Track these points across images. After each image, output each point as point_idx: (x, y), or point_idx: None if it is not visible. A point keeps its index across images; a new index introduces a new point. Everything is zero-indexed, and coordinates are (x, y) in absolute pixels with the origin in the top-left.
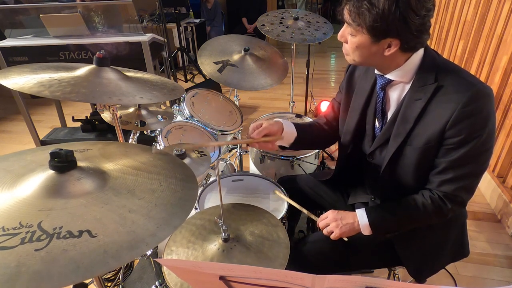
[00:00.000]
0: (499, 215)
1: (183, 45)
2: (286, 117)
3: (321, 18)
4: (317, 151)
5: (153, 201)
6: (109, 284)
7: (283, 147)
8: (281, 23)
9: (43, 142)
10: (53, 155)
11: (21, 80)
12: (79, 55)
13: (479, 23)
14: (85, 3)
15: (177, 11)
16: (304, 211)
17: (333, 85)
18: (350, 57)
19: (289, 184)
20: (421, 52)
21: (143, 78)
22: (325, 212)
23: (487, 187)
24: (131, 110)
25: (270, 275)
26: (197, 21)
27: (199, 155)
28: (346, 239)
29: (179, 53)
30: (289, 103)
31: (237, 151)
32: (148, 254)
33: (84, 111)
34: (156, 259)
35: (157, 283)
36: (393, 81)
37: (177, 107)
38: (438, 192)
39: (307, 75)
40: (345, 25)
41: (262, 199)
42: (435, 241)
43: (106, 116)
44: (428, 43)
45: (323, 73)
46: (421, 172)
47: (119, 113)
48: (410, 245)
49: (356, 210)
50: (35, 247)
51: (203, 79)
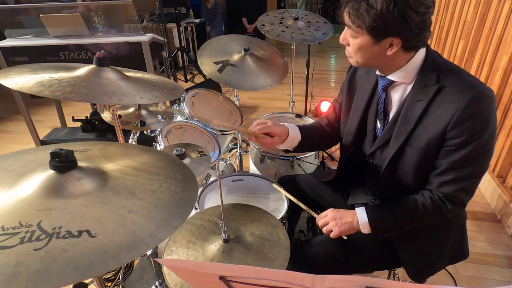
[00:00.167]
0: (499, 215)
1: (183, 45)
2: (286, 117)
3: (321, 18)
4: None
5: (153, 201)
6: (109, 284)
7: (286, 150)
8: (281, 23)
9: (43, 142)
10: (54, 155)
11: (21, 80)
12: (79, 55)
13: (479, 23)
14: (85, 3)
15: (177, 11)
16: (302, 206)
17: (333, 85)
18: (353, 59)
19: (289, 184)
20: (422, 53)
21: (143, 78)
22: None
23: (487, 187)
24: (131, 110)
25: (270, 275)
26: (197, 21)
27: (199, 155)
28: (345, 238)
29: (179, 53)
30: (289, 103)
31: (237, 151)
32: (148, 254)
33: (84, 111)
34: (156, 259)
35: (157, 283)
36: (395, 82)
37: (177, 107)
38: (438, 193)
39: (307, 75)
40: (346, 27)
41: (262, 199)
42: (434, 242)
43: (106, 116)
44: (428, 43)
45: (323, 73)
46: (422, 173)
47: (119, 113)
48: (410, 246)
49: (356, 208)
50: (34, 246)
51: (203, 79)
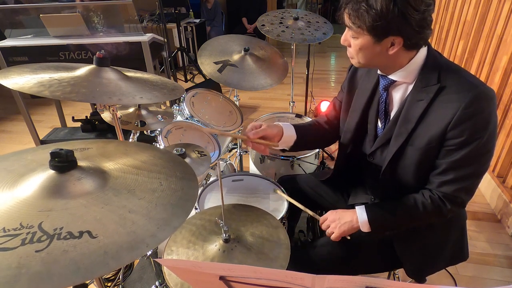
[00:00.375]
0: (499, 215)
1: (183, 45)
2: (286, 117)
3: (321, 18)
4: (317, 151)
5: (154, 201)
6: (109, 284)
7: (283, 150)
8: (281, 23)
9: (43, 142)
10: (54, 155)
11: (21, 80)
12: (79, 55)
13: (479, 23)
14: (85, 3)
15: (177, 11)
16: (306, 210)
17: (333, 85)
18: (355, 60)
19: (289, 184)
20: (424, 52)
21: (143, 78)
22: (326, 212)
23: (487, 187)
24: (131, 110)
25: (270, 275)
26: (197, 21)
27: (199, 155)
28: (348, 238)
29: (179, 53)
30: (289, 103)
31: (237, 151)
32: (148, 254)
33: (84, 111)
34: (156, 259)
35: (157, 283)
36: (396, 81)
37: (177, 107)
38: (438, 192)
39: (307, 75)
40: (347, 29)
41: (262, 199)
42: (434, 242)
43: (106, 116)
44: (429, 42)
45: (323, 73)
46: (422, 172)
47: (119, 113)
48: (410, 246)
49: (356, 207)
50: (35, 248)
51: (203, 79)
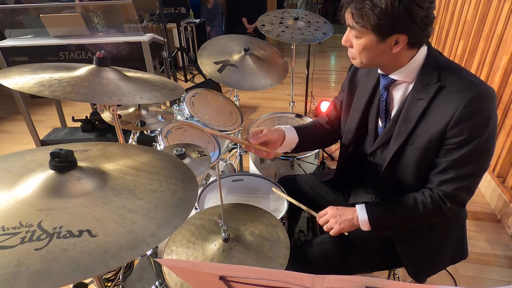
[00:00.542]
0: (499, 215)
1: (183, 45)
2: (286, 117)
3: (321, 18)
4: (317, 151)
5: (153, 201)
6: (109, 284)
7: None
8: (281, 23)
9: (43, 142)
10: (53, 155)
11: (21, 80)
12: (79, 55)
13: (479, 23)
14: (85, 3)
15: (177, 11)
16: (302, 207)
17: (333, 85)
18: (357, 60)
19: (289, 184)
20: (424, 51)
21: (143, 78)
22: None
23: (487, 187)
24: (131, 110)
25: (270, 275)
26: (197, 21)
27: (199, 155)
28: (346, 234)
29: (179, 53)
30: (289, 103)
31: (237, 151)
32: (148, 254)
33: (84, 111)
34: (156, 259)
35: (157, 283)
36: (396, 81)
37: (177, 107)
38: (438, 191)
39: (307, 75)
40: (348, 29)
41: (262, 199)
42: (435, 242)
43: (106, 116)
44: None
45: (323, 73)
46: (422, 171)
47: (119, 113)
48: (410, 246)
49: (356, 205)
50: (35, 246)
51: (203, 79)
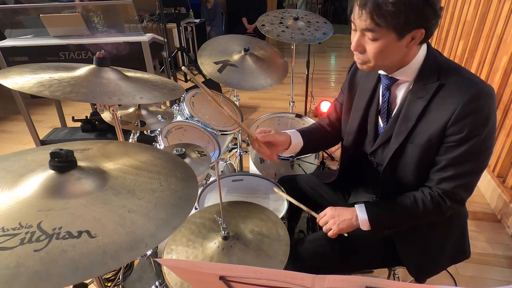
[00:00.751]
0: (499, 215)
1: (183, 45)
2: (286, 117)
3: (321, 18)
4: None
5: (153, 201)
6: (109, 284)
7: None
8: (281, 23)
9: (43, 142)
10: (53, 155)
11: (21, 80)
12: (79, 55)
13: (479, 23)
14: (85, 3)
15: (177, 11)
16: (303, 208)
17: (333, 85)
18: (370, 64)
19: (289, 184)
20: (424, 51)
21: (143, 78)
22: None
23: (487, 187)
24: (131, 110)
25: (270, 275)
26: (197, 21)
27: (199, 155)
28: (346, 235)
29: (179, 53)
30: (289, 103)
31: (237, 151)
32: (148, 254)
33: (84, 111)
34: (156, 259)
35: (157, 283)
36: (398, 80)
37: (177, 107)
38: (437, 189)
39: (307, 75)
40: (359, 34)
41: (262, 199)
42: (435, 241)
43: (106, 116)
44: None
45: (323, 73)
46: (422, 170)
47: (119, 113)
48: (410, 245)
49: (356, 205)
50: (34, 247)
51: (203, 79)
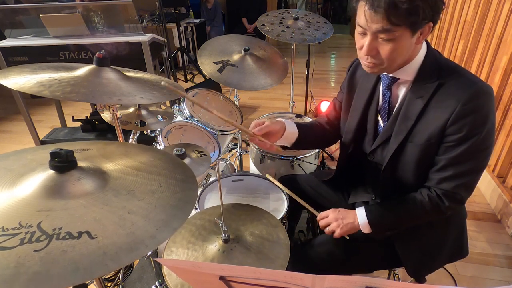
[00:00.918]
0: (499, 215)
1: (183, 45)
2: (286, 117)
3: (321, 18)
4: (317, 151)
5: (153, 202)
6: (109, 284)
7: (284, 147)
8: (281, 23)
9: (43, 142)
10: (53, 155)
11: (21, 80)
12: (79, 55)
13: (479, 23)
14: (85, 3)
15: (177, 11)
16: (302, 202)
17: (333, 85)
18: (381, 66)
19: (289, 184)
20: (424, 50)
21: (143, 78)
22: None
23: (487, 187)
24: (131, 110)
25: (270, 276)
26: (197, 21)
27: (199, 155)
28: (347, 237)
29: (179, 53)
30: (289, 103)
31: (237, 151)
32: (148, 254)
33: (84, 111)
34: (156, 259)
35: (157, 283)
36: (399, 79)
37: (177, 107)
38: (437, 189)
39: (307, 75)
40: (371, 37)
41: (262, 199)
42: (434, 240)
43: (106, 116)
44: (429, 42)
45: (323, 73)
46: (422, 169)
47: (119, 113)
48: (409, 244)
49: (356, 208)
50: (34, 247)
51: (203, 79)
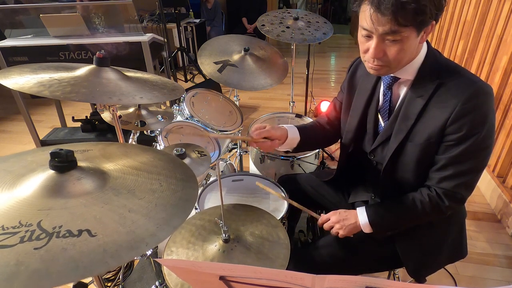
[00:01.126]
0: (499, 215)
1: (183, 45)
2: (286, 117)
3: (321, 18)
4: (317, 151)
5: (153, 201)
6: (109, 284)
7: (286, 151)
8: (281, 23)
9: (43, 142)
10: (54, 155)
11: (21, 80)
12: (79, 55)
13: (479, 23)
14: (85, 3)
15: (177, 11)
16: (304, 208)
17: (333, 85)
18: (387, 68)
19: (290, 184)
20: (424, 50)
21: (143, 78)
22: (326, 211)
23: (487, 187)
24: (131, 110)
25: (270, 275)
26: (197, 21)
27: (199, 155)
28: (352, 236)
29: (179, 53)
30: (289, 103)
31: (237, 151)
32: (148, 254)
33: (84, 111)
34: (156, 259)
35: (157, 283)
36: (400, 79)
37: (177, 107)
38: (437, 189)
39: (307, 75)
40: (378, 39)
41: (262, 199)
42: (434, 240)
43: (106, 116)
44: (429, 41)
45: (323, 73)
46: (422, 169)
47: (119, 113)
48: (409, 244)
49: (356, 209)
50: (34, 245)
51: (203, 79)
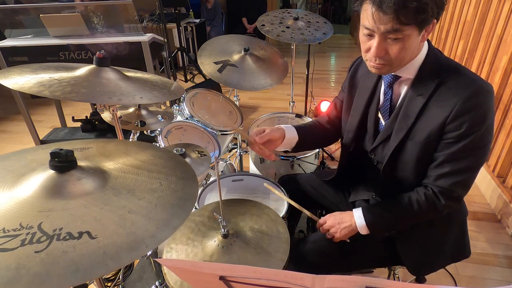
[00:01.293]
0: (499, 215)
1: (183, 45)
2: (286, 117)
3: (321, 18)
4: (317, 151)
5: (153, 201)
6: (109, 284)
7: (285, 150)
8: (281, 23)
9: (43, 142)
10: (53, 155)
11: (21, 80)
12: (79, 55)
13: (479, 23)
14: (85, 3)
15: (177, 11)
16: (305, 211)
17: (333, 85)
18: (389, 66)
19: (290, 184)
20: (425, 49)
21: (143, 78)
22: (327, 211)
23: (487, 187)
24: (131, 110)
25: (270, 275)
26: (197, 21)
27: (199, 155)
28: (348, 241)
29: (179, 53)
30: (289, 103)
31: (237, 151)
32: (148, 254)
33: (84, 111)
34: (156, 259)
35: (157, 283)
36: (400, 77)
37: (177, 107)
38: (433, 187)
39: (307, 75)
40: (379, 38)
41: (262, 199)
42: (434, 240)
43: (106, 116)
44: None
45: (323, 73)
46: (422, 167)
47: (119, 113)
48: (409, 243)
49: (353, 210)
50: (35, 248)
51: (203, 79)
